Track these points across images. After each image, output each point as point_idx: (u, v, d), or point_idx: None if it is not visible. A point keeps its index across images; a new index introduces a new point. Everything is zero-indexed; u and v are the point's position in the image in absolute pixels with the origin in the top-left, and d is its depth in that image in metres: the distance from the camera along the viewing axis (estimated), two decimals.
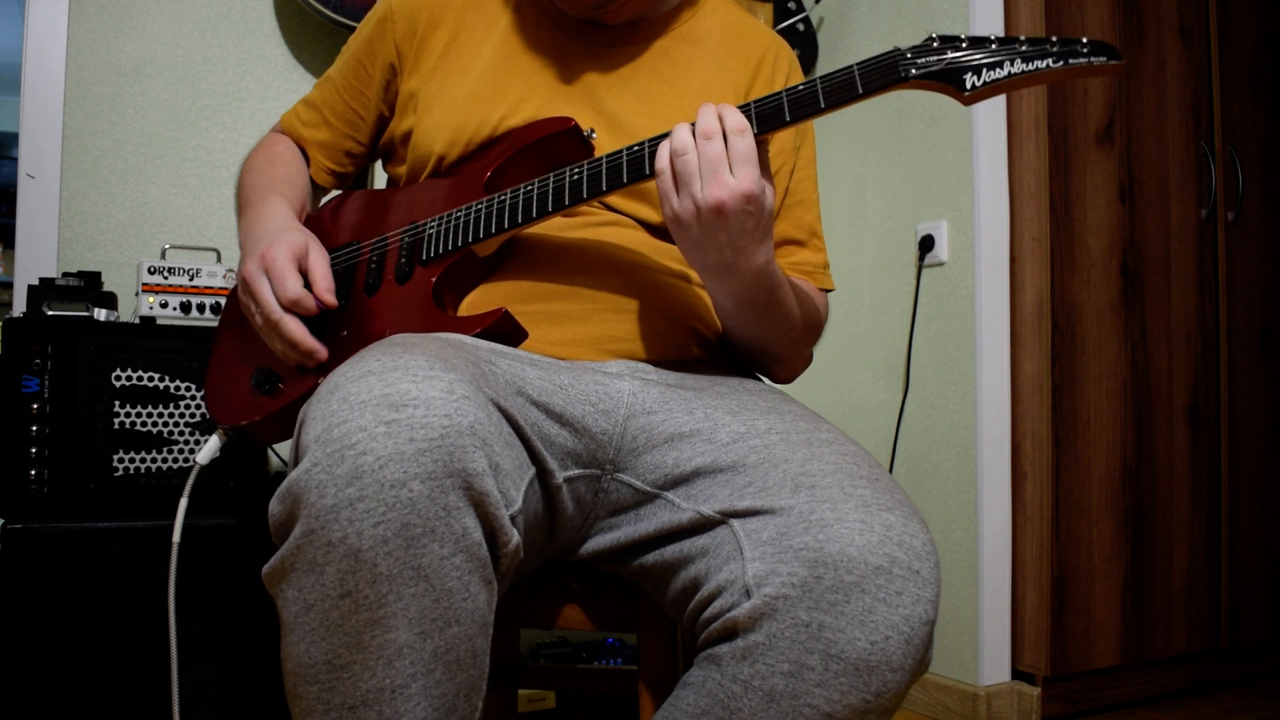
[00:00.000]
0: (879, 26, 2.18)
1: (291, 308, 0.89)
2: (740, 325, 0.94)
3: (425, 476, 0.63)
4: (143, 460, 1.31)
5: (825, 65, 2.31)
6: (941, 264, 1.99)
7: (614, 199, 0.96)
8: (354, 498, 0.62)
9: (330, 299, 0.90)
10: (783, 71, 1.08)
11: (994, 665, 1.87)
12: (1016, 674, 1.89)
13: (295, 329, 0.89)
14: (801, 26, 2.18)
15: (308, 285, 0.90)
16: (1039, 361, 1.89)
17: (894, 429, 2.07)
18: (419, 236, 0.95)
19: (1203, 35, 2.12)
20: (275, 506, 0.67)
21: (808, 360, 1.05)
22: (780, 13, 2.17)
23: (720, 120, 0.78)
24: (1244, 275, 2.17)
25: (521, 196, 0.90)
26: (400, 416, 0.64)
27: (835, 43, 2.30)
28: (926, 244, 2.00)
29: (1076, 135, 1.93)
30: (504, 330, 0.87)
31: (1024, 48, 0.74)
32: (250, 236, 0.97)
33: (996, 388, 1.90)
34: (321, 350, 0.91)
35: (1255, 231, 2.20)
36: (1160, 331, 2.03)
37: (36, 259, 1.64)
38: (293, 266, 0.90)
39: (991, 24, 1.92)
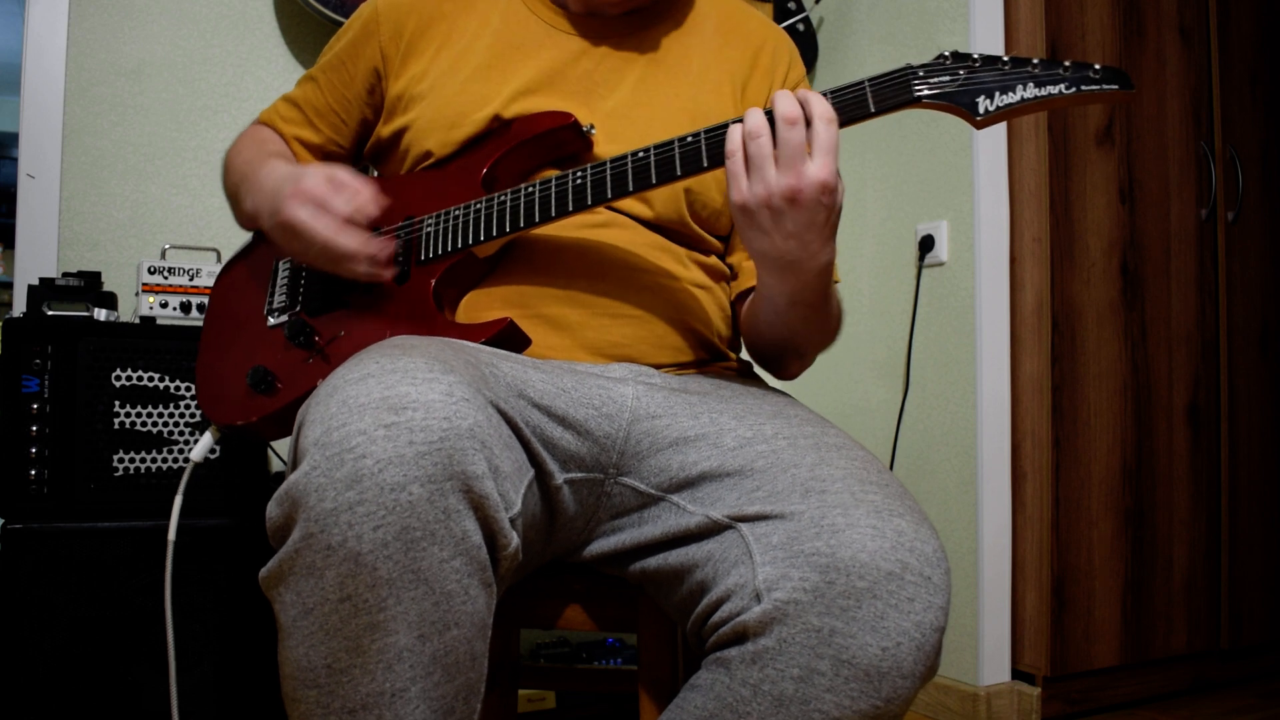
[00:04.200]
0: (879, 26, 2.18)
1: (349, 221, 0.88)
2: (782, 322, 0.91)
3: (425, 480, 0.63)
4: (143, 460, 1.31)
5: (825, 65, 2.31)
6: (941, 264, 1.99)
7: None
8: (354, 501, 0.62)
9: (376, 209, 0.90)
10: (783, 62, 1.07)
11: (994, 665, 1.87)
12: (1016, 674, 1.89)
13: (357, 239, 0.88)
14: (801, 26, 2.18)
15: None
16: (1039, 361, 1.89)
17: (894, 429, 2.07)
18: (415, 235, 0.94)
19: (1203, 35, 2.12)
20: (273, 510, 0.66)
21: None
22: (780, 13, 2.17)
23: (804, 106, 0.77)
24: (1244, 275, 2.17)
25: (523, 198, 0.89)
26: (400, 419, 0.64)
27: (835, 43, 2.30)
28: (926, 244, 2.00)
29: (1076, 135, 1.93)
30: (508, 338, 0.86)
31: (1036, 70, 0.73)
32: (265, 191, 0.96)
33: (996, 388, 1.90)
34: (386, 248, 0.90)
35: (1255, 231, 2.20)
36: (1160, 331, 2.03)
37: (36, 259, 1.63)
38: (332, 188, 0.89)
39: (991, 24, 1.92)
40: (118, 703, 1.25)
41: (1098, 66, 0.72)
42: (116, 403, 1.30)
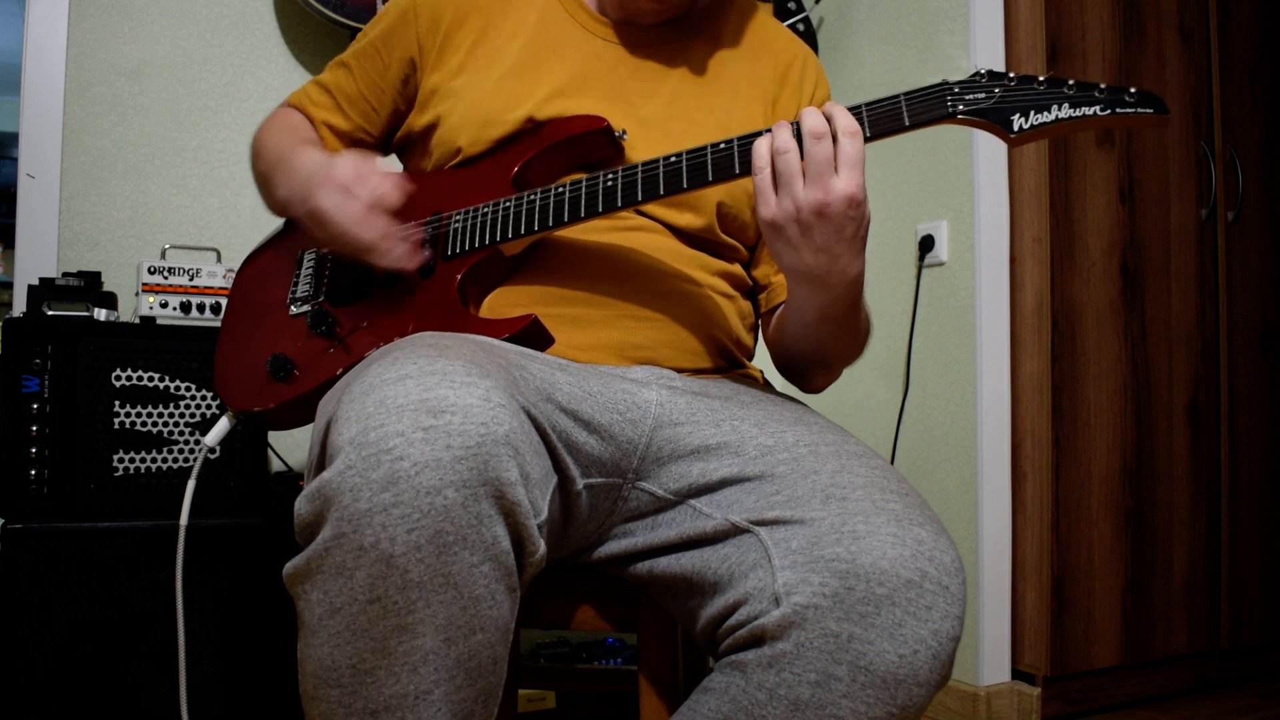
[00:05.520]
0: (879, 26, 2.18)
1: (372, 208, 0.89)
2: (810, 335, 0.92)
3: (460, 484, 0.63)
4: (143, 460, 1.31)
5: (825, 65, 2.31)
6: (941, 264, 1.99)
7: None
8: (389, 503, 0.62)
9: (398, 198, 0.91)
10: (810, 80, 1.08)
11: (994, 665, 1.87)
12: (1016, 674, 1.89)
13: (375, 230, 0.89)
14: (801, 26, 2.19)
15: None
16: (1039, 361, 1.89)
17: (894, 429, 2.07)
18: (442, 230, 0.94)
19: (1203, 35, 2.13)
20: (304, 506, 0.66)
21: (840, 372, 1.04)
22: (780, 13, 2.17)
23: (830, 121, 0.77)
24: (1244, 275, 2.17)
25: (553, 198, 0.89)
26: (438, 423, 0.64)
27: (835, 43, 2.30)
28: (926, 244, 2.00)
29: (1076, 135, 1.93)
30: (532, 336, 0.86)
31: (1071, 91, 0.74)
32: (298, 179, 0.97)
33: (996, 388, 1.90)
34: (413, 235, 0.92)
35: (1255, 231, 2.20)
36: (1160, 331, 2.03)
37: (36, 259, 1.63)
38: (357, 178, 0.90)
39: (991, 24, 1.92)
40: (118, 703, 1.25)
41: (1133, 90, 0.72)
42: (116, 403, 1.30)
